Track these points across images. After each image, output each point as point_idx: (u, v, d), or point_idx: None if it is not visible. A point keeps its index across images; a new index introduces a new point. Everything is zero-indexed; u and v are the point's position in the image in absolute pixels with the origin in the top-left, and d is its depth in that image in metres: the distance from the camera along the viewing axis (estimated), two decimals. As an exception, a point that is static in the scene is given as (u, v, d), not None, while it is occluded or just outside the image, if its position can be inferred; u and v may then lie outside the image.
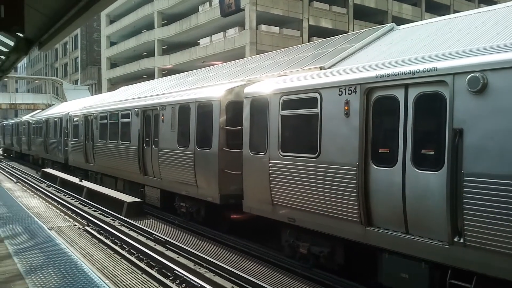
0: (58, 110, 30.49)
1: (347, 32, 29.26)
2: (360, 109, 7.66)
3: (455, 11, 42.14)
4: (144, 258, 9.77)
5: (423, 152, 6.94)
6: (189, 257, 9.71)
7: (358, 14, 45.11)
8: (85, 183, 18.87)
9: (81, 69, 73.26)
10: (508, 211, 5.72)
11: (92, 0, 6.06)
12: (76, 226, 12.78)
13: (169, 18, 50.87)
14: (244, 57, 28.62)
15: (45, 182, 22.76)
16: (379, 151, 7.50)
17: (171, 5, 49.07)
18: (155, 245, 10.78)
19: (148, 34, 53.69)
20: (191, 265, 9.18)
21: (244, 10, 38.41)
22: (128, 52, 58.97)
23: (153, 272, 8.77)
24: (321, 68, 10.40)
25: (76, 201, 17.18)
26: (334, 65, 10.59)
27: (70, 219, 13.85)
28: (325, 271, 8.59)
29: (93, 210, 15.28)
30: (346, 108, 7.90)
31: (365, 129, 7.62)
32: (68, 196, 18.41)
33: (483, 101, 6.06)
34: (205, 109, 12.01)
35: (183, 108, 13.01)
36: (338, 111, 8.06)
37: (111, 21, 63.54)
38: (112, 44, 64.29)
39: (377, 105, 7.63)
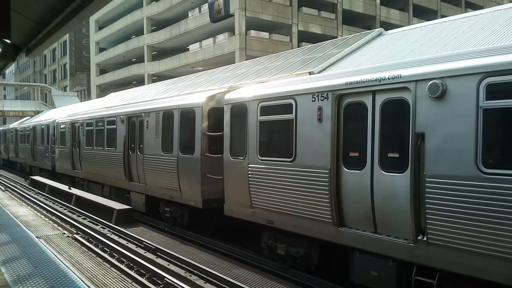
0: (46, 117, 30.50)
1: (336, 37, 29.44)
2: (331, 115, 8.01)
3: (442, 16, 42.58)
4: (134, 266, 9.66)
5: (389, 155, 7.25)
6: (180, 264, 9.62)
7: (347, 19, 45.40)
8: (74, 191, 18.70)
9: (70, 75, 72.85)
10: (466, 210, 6.06)
11: (80, 6, 6.00)
12: (65, 235, 12.63)
13: (158, 24, 50.81)
14: (234, 63, 28.64)
15: (33, 190, 22.51)
16: (350, 154, 7.83)
17: (160, 10, 49.03)
18: (145, 252, 10.68)
19: (138, 40, 53.55)
20: (182, 272, 9.09)
21: (234, 15, 38.50)
22: (118, 58, 58.75)
23: (143, 280, 8.67)
24: (310, 73, 10.43)
25: (65, 209, 17.00)
26: (323, 70, 10.62)
27: (59, 227, 13.69)
28: (303, 272, 8.88)
29: (82, 218, 15.12)
30: (319, 113, 8.24)
31: (337, 134, 7.95)
32: (57, 204, 18.22)
33: (443, 107, 6.39)
34: (187, 115, 12.28)
35: (167, 115, 13.27)
36: (311, 117, 8.38)
37: (100, 27, 63.31)
38: (101, 50, 64.04)
39: (347, 111, 7.96)
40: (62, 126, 22.72)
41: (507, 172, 5.68)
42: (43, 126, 27.02)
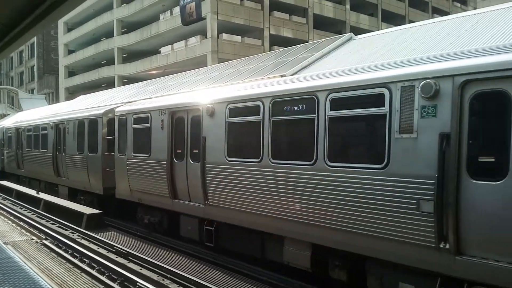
0: (6, 121, 31.01)
1: (307, 41, 29.77)
2: (168, 124, 11.71)
3: (410, 21, 43.61)
4: (106, 271, 9.51)
5: (194, 151, 10.88)
6: (153, 268, 9.53)
7: (318, 23, 45.95)
8: (42, 196, 18.29)
9: (38, 78, 71.20)
10: (220, 183, 10.06)
11: (49, 8, 5.91)
12: (33, 240, 12.33)
13: (129, 26, 50.27)
14: (206, 66, 28.58)
15: (-1, 195, 21.91)
16: (177, 151, 11.44)
17: (131, 13, 48.53)
18: (116, 257, 10.54)
19: (108, 42, 52.81)
20: (154, 277, 9.02)
21: (205, 19, 38.43)
22: (87, 61, 57.79)
23: (115, 285, 8.56)
24: (282, 76, 10.55)
25: (33, 214, 16.60)
26: (295, 73, 10.76)
27: (27, 233, 13.36)
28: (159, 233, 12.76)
29: (51, 223, 14.80)
30: (161, 123, 11.98)
31: (171, 136, 11.61)
32: (24, 209, 17.79)
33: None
34: (94, 123, 15.83)
35: (80, 123, 16.83)
36: (159, 126, 12.12)
37: (69, 29, 62.17)
38: (70, 52, 62.88)
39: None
40: (9, 132, 26.38)
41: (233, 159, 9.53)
42: None
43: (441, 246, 6.06)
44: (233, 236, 10.00)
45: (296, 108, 8.37)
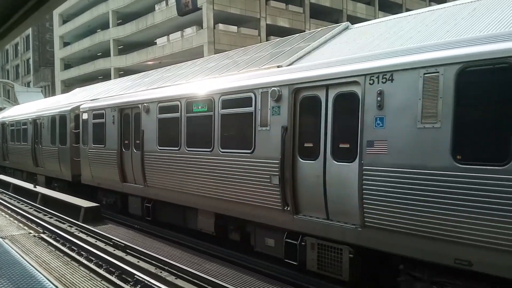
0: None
1: (304, 31, 29.58)
2: (117, 120, 14.06)
3: (407, 10, 43.39)
4: (103, 264, 9.51)
5: (125, 142, 13.51)
6: (150, 261, 9.53)
7: (314, 13, 45.69)
8: (39, 189, 18.25)
9: (34, 70, 70.78)
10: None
11: (41, 0, 5.83)
12: (31, 234, 12.31)
13: (124, 17, 49.90)
14: (202, 57, 28.41)
15: (-4, 189, 21.84)
16: (125, 142, 13.60)
17: (126, 4, 48.15)
18: (114, 250, 10.52)
19: (103, 34, 52.46)
20: (152, 269, 9.01)
21: (201, 9, 38.14)
22: (83, 53, 57.44)
23: (113, 278, 8.55)
24: (278, 67, 10.49)
25: (30, 208, 16.56)
26: (291, 63, 10.69)
27: (25, 227, 13.34)
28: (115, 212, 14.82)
29: (48, 217, 14.76)
30: (113, 118, 14.22)
31: (120, 129, 13.76)
32: (22, 203, 17.74)
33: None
34: (63, 119, 18.03)
35: (53, 118, 19.07)
36: (111, 121, 14.28)
37: (64, 21, 61.68)
38: (65, 44, 62.44)
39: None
40: (5, 124, 28.47)
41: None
42: None
43: (285, 208, 8.27)
44: (165, 210, 12.34)
45: (195, 107, 10.75)
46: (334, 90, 7.58)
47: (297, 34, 14.65)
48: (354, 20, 21.69)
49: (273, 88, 8.43)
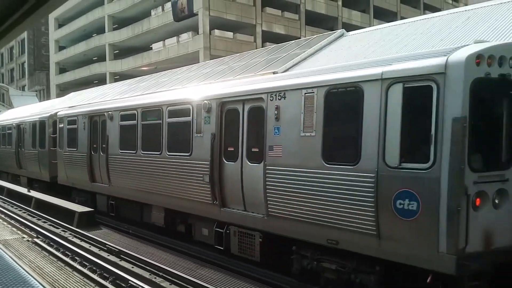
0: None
1: (299, 38, 29.71)
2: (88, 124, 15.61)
3: (402, 18, 43.69)
4: (97, 270, 9.46)
5: (103, 146, 14.16)
6: (145, 266, 9.50)
7: (310, 20, 45.91)
8: (33, 193, 18.18)
9: (29, 74, 70.61)
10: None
11: (38, 3, 5.84)
12: (24, 239, 12.26)
13: (120, 22, 49.92)
14: (198, 62, 28.45)
15: (-10, 194, 21.71)
16: (94, 146, 14.91)
17: (122, 8, 48.19)
18: (108, 255, 10.49)
19: (99, 38, 52.44)
20: (146, 274, 8.99)
21: (197, 15, 38.26)
22: (78, 57, 57.34)
23: (106, 283, 8.52)
24: (274, 73, 10.55)
25: (24, 212, 16.50)
26: (287, 70, 10.76)
27: (18, 232, 13.27)
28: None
29: (42, 221, 14.72)
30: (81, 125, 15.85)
31: (90, 134, 15.20)
32: (15, 207, 17.67)
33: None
34: (42, 124, 19.61)
35: (33, 124, 20.67)
36: (78, 127, 16.01)
37: (60, 25, 61.60)
38: (61, 48, 62.33)
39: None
40: None
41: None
42: None
43: (214, 202, 9.66)
44: (126, 207, 13.69)
45: (149, 116, 12.27)
46: (248, 104, 9.06)
47: (293, 41, 14.72)
48: (349, 27, 21.84)
49: (205, 101, 9.93)
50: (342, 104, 7.42)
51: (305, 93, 7.75)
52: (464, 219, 5.85)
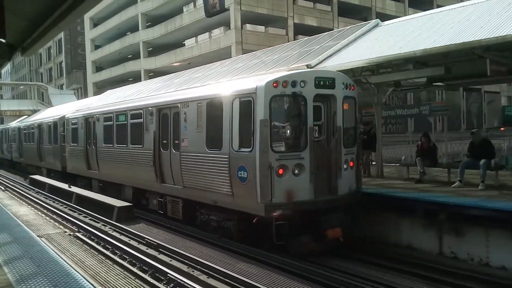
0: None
1: (332, 30, 29.30)
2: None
3: (438, 6, 42.46)
4: (137, 263, 9.65)
5: (94, 141, 18.35)
6: (183, 260, 9.62)
7: (343, 11, 45.27)
8: (74, 189, 18.71)
9: (66, 73, 72.48)
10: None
11: (74, 3, 5.97)
12: (66, 233, 12.63)
13: (153, 20, 50.56)
14: (230, 57, 28.52)
15: (33, 189, 22.51)
16: (88, 141, 18.94)
17: (155, 6, 48.78)
18: (147, 249, 10.69)
19: (133, 36, 53.32)
20: (184, 268, 9.11)
21: (229, 9, 38.32)
22: (113, 55, 58.49)
23: (146, 276, 8.68)
24: (308, 66, 10.45)
25: (65, 207, 16.99)
26: (320, 62, 10.63)
27: (60, 226, 13.69)
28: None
29: (83, 216, 15.12)
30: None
31: (86, 132, 19.15)
32: (57, 202, 18.23)
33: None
34: (55, 124, 23.98)
35: (49, 124, 25.35)
36: (81, 126, 20.09)
37: (95, 24, 62.93)
38: (96, 47, 63.72)
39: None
40: (14, 130, 36.33)
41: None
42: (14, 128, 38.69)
43: (157, 180, 13.29)
44: (110, 188, 17.51)
45: (121, 118, 16.14)
46: (173, 110, 12.68)
47: (326, 33, 14.53)
48: (383, 17, 21.39)
49: (149, 108, 13.81)
50: (215, 111, 10.67)
51: (197, 103, 11.45)
52: (269, 182, 9.00)
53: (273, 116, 9.23)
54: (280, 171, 9.12)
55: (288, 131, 9.71)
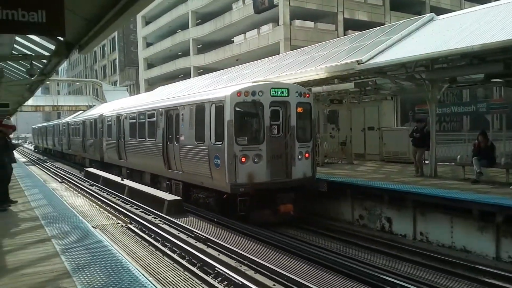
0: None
1: (384, 25, 28.60)
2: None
3: (497, -2, 40.52)
4: (186, 256, 9.84)
5: (122, 135, 22.65)
6: (230, 254, 9.72)
7: (395, 5, 44.12)
8: (126, 182, 19.28)
9: (119, 70, 74.77)
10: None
11: (128, 3, 6.13)
12: (119, 224, 13.01)
13: (203, 17, 51.25)
14: (279, 53, 28.45)
15: (88, 182, 23.38)
16: (119, 135, 22.77)
17: (204, 4, 49.41)
18: (196, 242, 10.86)
19: (183, 34, 54.27)
20: (232, 262, 9.20)
21: (278, 6, 38.20)
22: (164, 52, 59.79)
23: (194, 269, 8.83)
24: (358, 62, 10.27)
25: (118, 200, 17.54)
26: (371, 58, 10.41)
27: (113, 217, 14.12)
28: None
29: (134, 208, 15.55)
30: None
31: (118, 127, 23.20)
32: (110, 194, 18.84)
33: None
34: (95, 121, 27.53)
35: (90, 121, 29.06)
36: (113, 123, 24.08)
37: (147, 22, 64.54)
38: (148, 45, 65.33)
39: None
40: (63, 126, 40.51)
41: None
42: (52, 125, 46.08)
43: (165, 167, 16.16)
44: (134, 174, 20.77)
45: (142, 117, 19.22)
46: (175, 111, 15.49)
47: (377, 28, 14.21)
48: (438, 11, 20.63)
49: (160, 109, 16.68)
50: (201, 113, 13.47)
51: (189, 107, 14.33)
52: (234, 168, 11.94)
53: (237, 118, 12.14)
54: (243, 159, 12.00)
55: (249, 129, 12.73)
